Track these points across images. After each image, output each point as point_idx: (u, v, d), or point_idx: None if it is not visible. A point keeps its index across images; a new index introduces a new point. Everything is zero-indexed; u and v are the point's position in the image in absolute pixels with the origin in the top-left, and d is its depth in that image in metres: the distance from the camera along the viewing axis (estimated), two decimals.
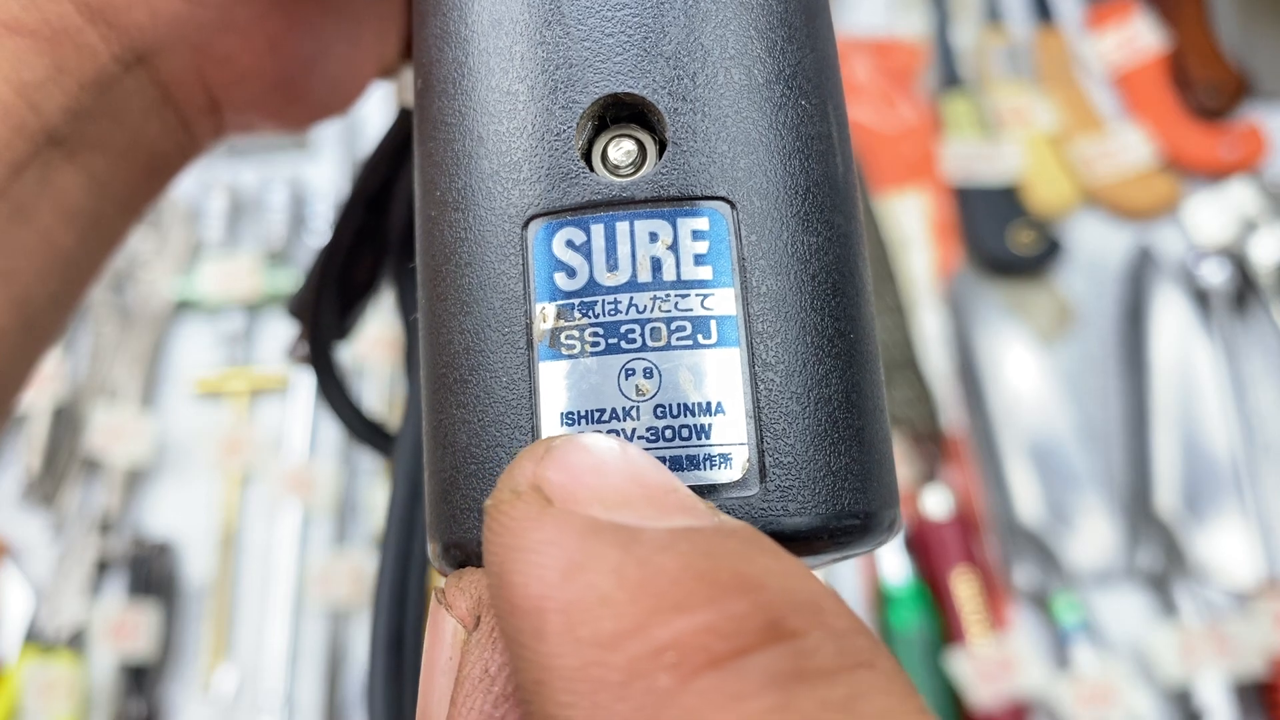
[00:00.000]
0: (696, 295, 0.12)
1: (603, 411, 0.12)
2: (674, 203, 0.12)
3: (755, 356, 0.12)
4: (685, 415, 0.12)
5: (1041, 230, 0.67)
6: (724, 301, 0.12)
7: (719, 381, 0.12)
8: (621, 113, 0.13)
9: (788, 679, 0.09)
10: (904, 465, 0.63)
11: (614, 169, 0.13)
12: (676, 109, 0.12)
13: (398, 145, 0.22)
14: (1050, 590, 0.59)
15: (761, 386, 0.12)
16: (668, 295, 0.12)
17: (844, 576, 0.62)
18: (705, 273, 0.12)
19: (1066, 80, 0.73)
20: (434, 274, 0.13)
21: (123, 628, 0.59)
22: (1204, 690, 0.55)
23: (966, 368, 0.64)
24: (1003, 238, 0.67)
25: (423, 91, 0.14)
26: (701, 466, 0.12)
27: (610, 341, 0.12)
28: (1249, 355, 0.65)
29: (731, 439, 0.12)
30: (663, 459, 0.12)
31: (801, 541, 0.12)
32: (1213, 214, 0.68)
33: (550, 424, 0.12)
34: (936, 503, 0.61)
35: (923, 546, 0.60)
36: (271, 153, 0.77)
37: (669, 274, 0.12)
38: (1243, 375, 0.63)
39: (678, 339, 0.12)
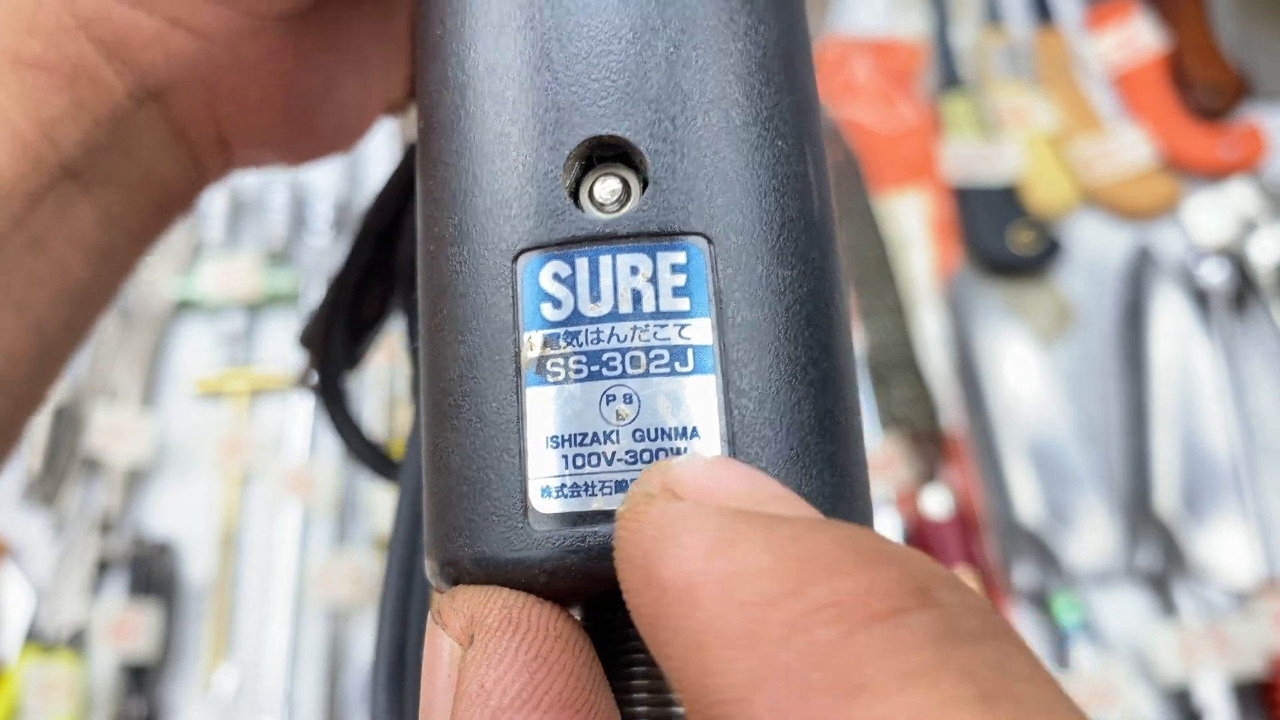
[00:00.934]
0: (674, 325, 0.13)
1: (585, 435, 0.13)
2: (654, 238, 0.13)
3: (730, 384, 0.13)
4: (662, 439, 0.13)
5: (1041, 230, 0.67)
6: (701, 331, 0.13)
7: (695, 407, 0.13)
8: (607, 153, 0.14)
9: (944, 637, 0.09)
10: (903, 465, 0.63)
11: (600, 206, 0.13)
12: (657, 150, 0.13)
13: (405, 182, 0.22)
14: (1050, 590, 0.59)
15: (735, 412, 0.13)
16: (647, 325, 0.13)
17: None
18: (683, 304, 0.13)
19: (1066, 80, 0.73)
20: (432, 305, 0.14)
21: (123, 627, 0.59)
22: (1203, 690, 0.55)
23: (966, 368, 0.64)
24: (1002, 238, 0.67)
25: (424, 132, 0.15)
26: None
27: (593, 369, 0.13)
28: (1248, 355, 0.65)
29: None
30: None
31: None
32: (1212, 214, 0.68)
33: (536, 446, 0.13)
34: (936, 502, 0.61)
35: (922, 546, 0.60)
36: None
37: (648, 305, 0.13)
38: (1242, 375, 0.63)
39: (656, 367, 0.13)
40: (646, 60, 0.13)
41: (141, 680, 0.61)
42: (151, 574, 0.61)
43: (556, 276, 0.13)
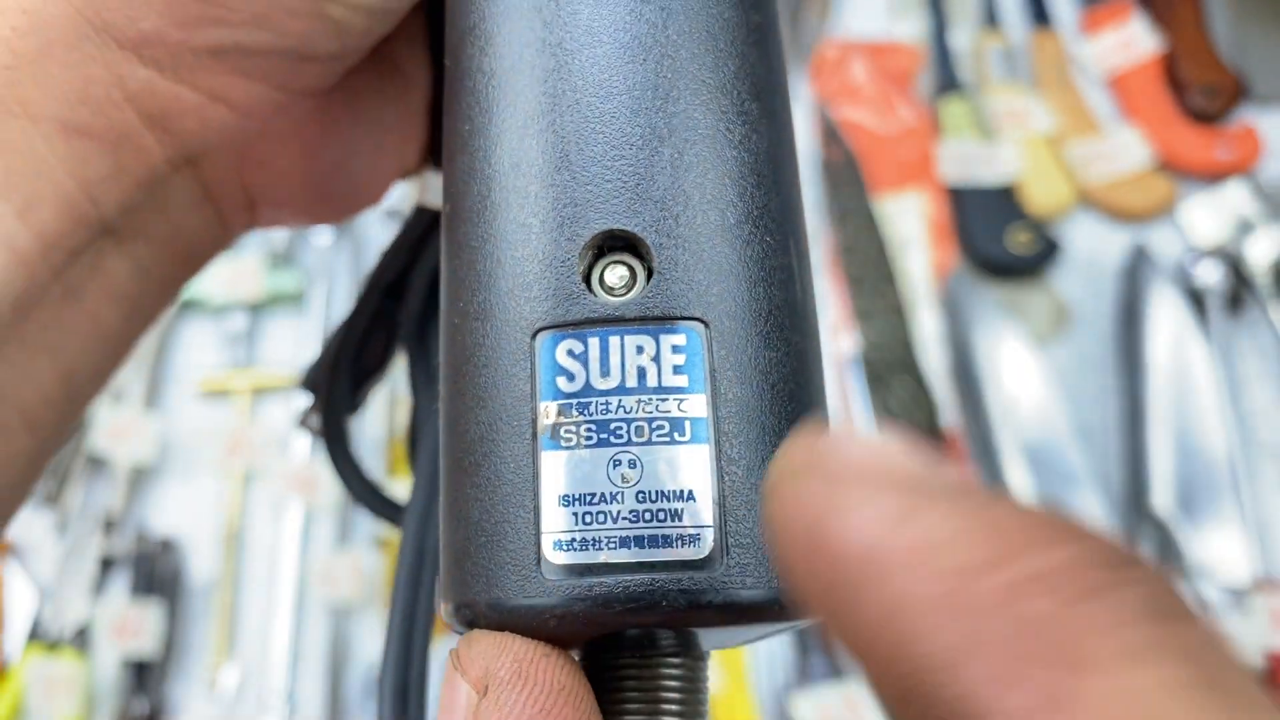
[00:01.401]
0: (674, 399, 0.14)
1: (593, 495, 0.14)
2: (658, 321, 0.15)
3: (721, 452, 0.14)
4: (662, 500, 0.14)
5: (1038, 231, 0.68)
6: (697, 405, 0.14)
7: (691, 473, 0.14)
8: (617, 243, 0.15)
9: (1161, 614, 0.09)
10: None
11: (610, 290, 0.15)
12: (662, 243, 0.15)
13: (415, 239, 0.24)
14: None
15: (726, 478, 0.14)
16: (650, 399, 0.14)
17: None
18: (682, 380, 0.15)
19: (1063, 83, 0.73)
20: (455, 372, 0.16)
21: (126, 626, 0.60)
22: None
23: (964, 368, 0.65)
24: (1000, 239, 0.68)
25: (450, 217, 0.17)
26: (675, 545, 0.14)
27: (601, 436, 0.14)
28: (1244, 355, 0.65)
29: (701, 522, 0.14)
30: (641, 538, 0.14)
31: (755, 611, 0.14)
32: (1208, 215, 0.68)
33: (549, 504, 0.14)
34: None
35: None
36: None
37: (652, 381, 0.15)
38: (1238, 375, 0.63)
39: (657, 436, 0.14)
40: (654, 164, 0.15)
41: (145, 678, 0.61)
42: (155, 572, 0.62)
43: (570, 353, 0.15)
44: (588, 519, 0.14)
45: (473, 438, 0.15)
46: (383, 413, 0.66)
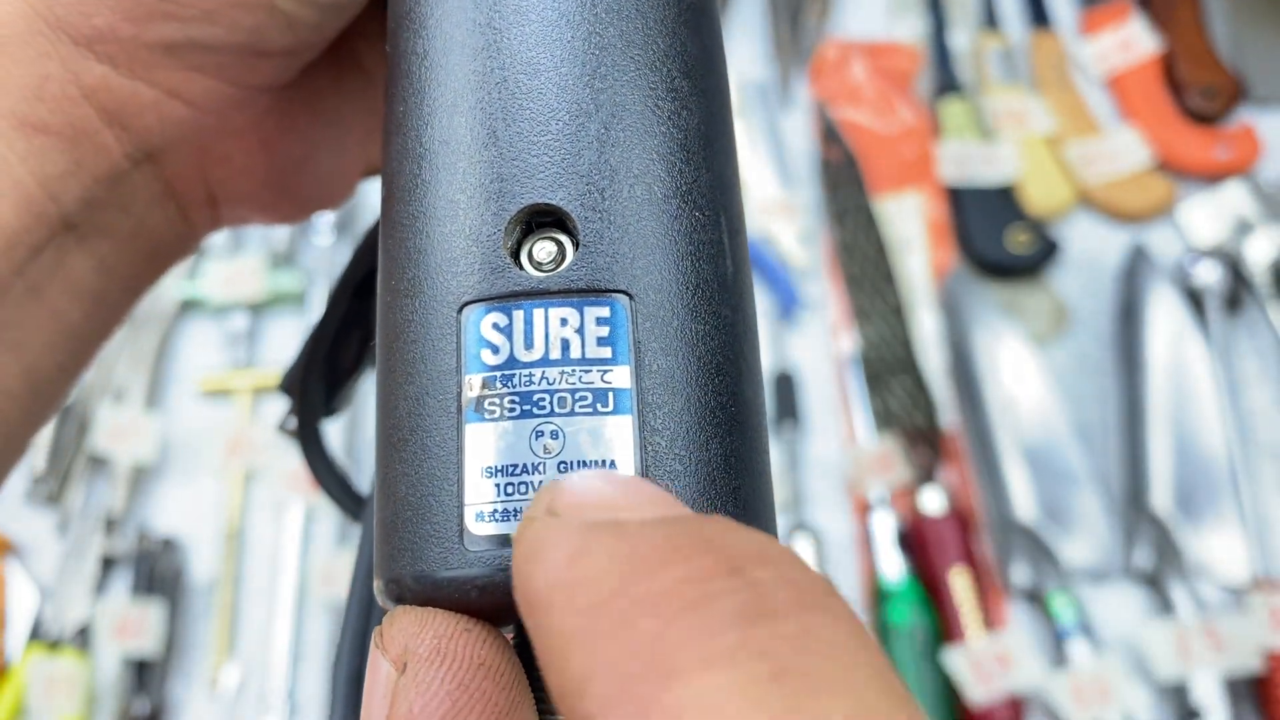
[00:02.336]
0: (597, 371, 0.15)
1: (516, 466, 0.14)
2: (582, 294, 0.15)
3: (645, 423, 0.15)
4: (584, 470, 0.14)
5: (1038, 232, 0.68)
6: (621, 376, 0.15)
7: (613, 443, 0.14)
8: (545, 219, 0.16)
9: (748, 617, 0.10)
10: (901, 464, 0.63)
11: (538, 265, 0.15)
12: (587, 218, 0.15)
13: (368, 246, 0.24)
14: (1046, 588, 0.59)
15: (649, 448, 0.14)
16: (573, 370, 0.15)
17: (841, 574, 0.63)
18: (606, 352, 0.15)
19: (1062, 84, 0.73)
20: (387, 350, 0.16)
21: (128, 625, 0.60)
22: (1199, 686, 0.56)
23: (963, 368, 0.65)
24: (999, 239, 0.68)
25: (385, 199, 0.17)
26: None
27: (524, 408, 0.14)
28: (1243, 355, 0.65)
29: None
30: None
31: None
32: (1207, 216, 0.68)
33: (473, 476, 0.14)
34: (934, 501, 0.61)
35: (920, 545, 0.61)
36: None
37: (575, 353, 0.15)
38: (1237, 375, 0.64)
39: (580, 407, 0.14)
40: (580, 139, 0.16)
41: (146, 677, 0.61)
42: (156, 572, 0.62)
43: (496, 326, 0.15)
44: (509, 490, 0.14)
45: (401, 413, 0.15)
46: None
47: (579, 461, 0.14)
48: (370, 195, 0.72)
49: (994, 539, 0.61)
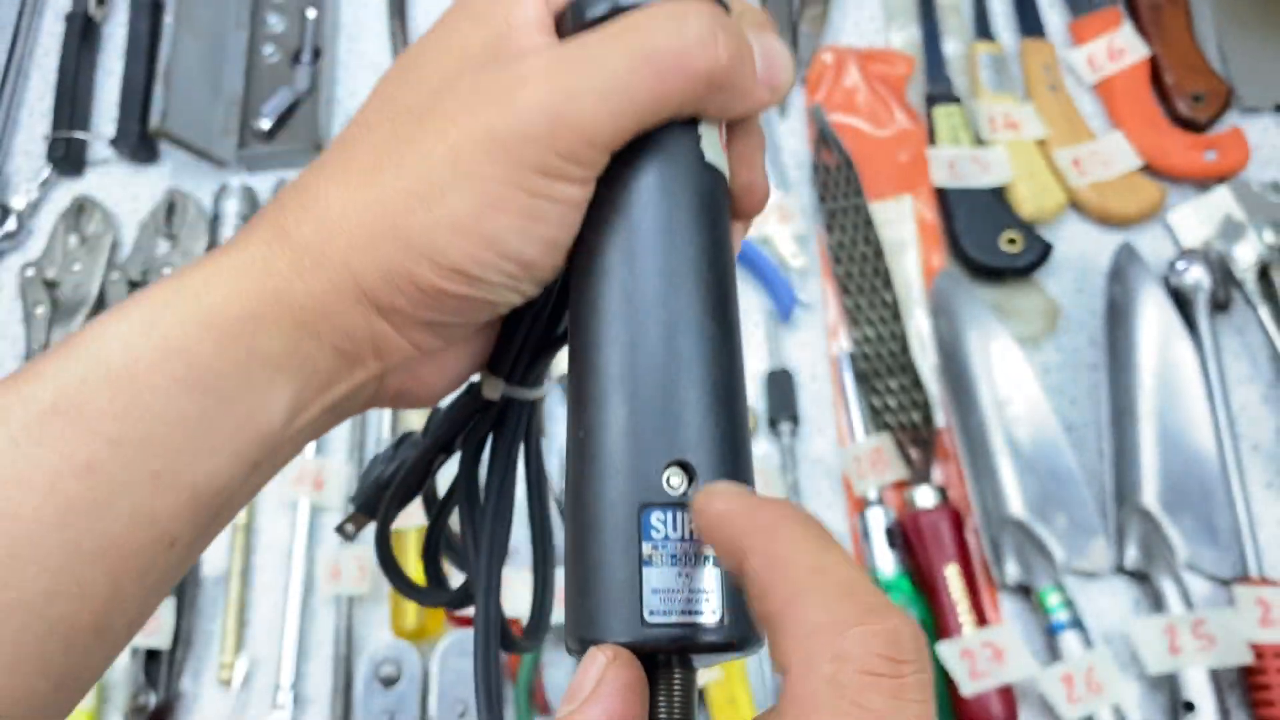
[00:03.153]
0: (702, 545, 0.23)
1: (669, 589, 0.23)
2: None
3: (724, 574, 0.23)
4: (697, 593, 0.23)
5: (1029, 235, 0.69)
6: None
7: (711, 583, 0.23)
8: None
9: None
10: (895, 462, 0.64)
11: (674, 487, 0.23)
12: (701, 467, 0.23)
13: (466, 414, 0.31)
14: (1038, 583, 0.60)
15: (727, 582, 0.23)
16: (692, 539, 0.23)
17: None
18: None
19: (1053, 90, 0.75)
20: (587, 520, 0.23)
21: None
22: (1189, 679, 0.57)
23: (957, 367, 0.66)
24: (991, 242, 0.69)
25: (575, 410, 0.25)
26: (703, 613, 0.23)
27: (672, 558, 0.23)
28: (1232, 356, 0.67)
29: (717, 603, 0.23)
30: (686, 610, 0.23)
31: (737, 647, 0.23)
32: (1196, 219, 0.69)
33: (647, 593, 0.23)
34: (927, 498, 0.62)
35: (914, 540, 0.62)
36: (285, 164, 0.79)
37: (687, 534, 0.23)
38: (1225, 375, 0.65)
39: (698, 560, 0.23)
40: (701, 410, 0.24)
41: (156, 670, 0.62)
42: None
43: (659, 519, 0.23)
44: (664, 599, 0.22)
45: (597, 550, 0.24)
46: None
47: (697, 590, 0.23)
48: None
49: (986, 535, 0.62)
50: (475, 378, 0.31)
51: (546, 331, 0.29)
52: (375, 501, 0.35)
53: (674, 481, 0.23)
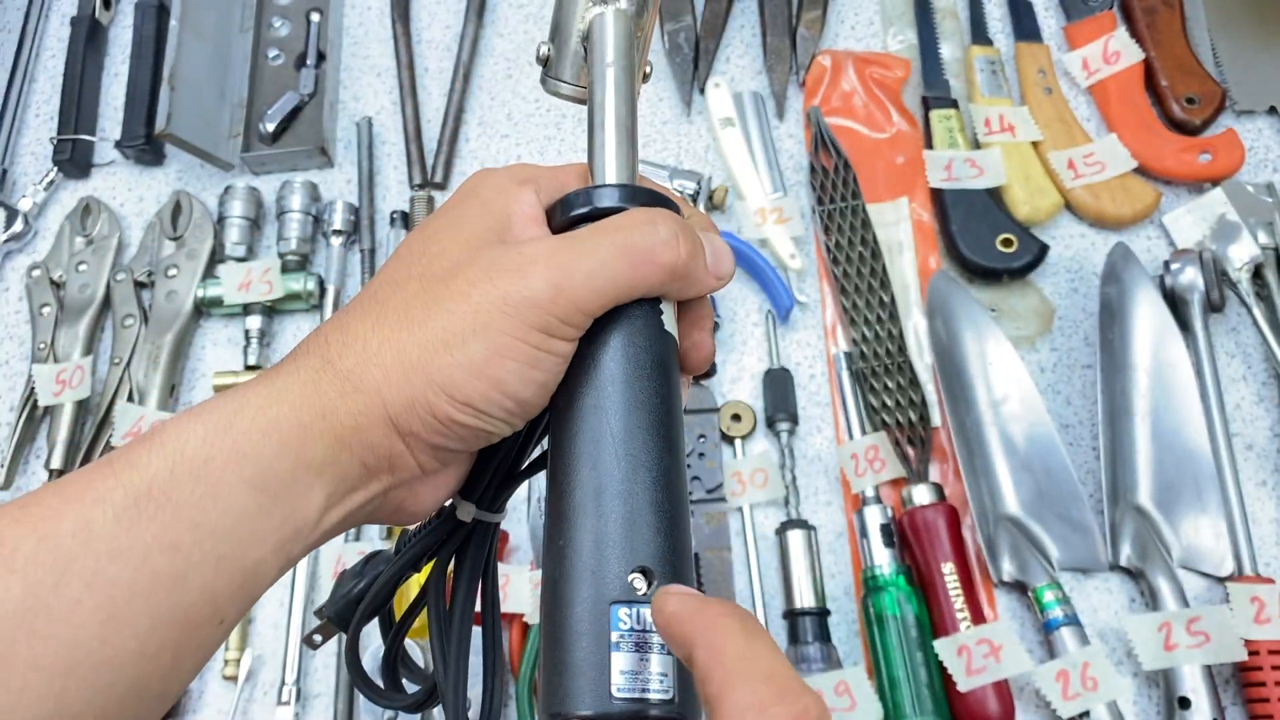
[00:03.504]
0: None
1: (635, 671, 0.27)
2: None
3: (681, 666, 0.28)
4: (656, 675, 0.27)
5: (1025, 237, 0.70)
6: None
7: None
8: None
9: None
10: (893, 461, 0.65)
11: (636, 590, 0.27)
12: (662, 571, 0.28)
13: (440, 537, 0.36)
14: (1034, 581, 0.61)
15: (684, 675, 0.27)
16: (650, 630, 0.28)
17: (834, 566, 0.65)
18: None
19: (1049, 93, 0.76)
20: (561, 611, 0.28)
21: None
22: (1184, 676, 0.57)
23: (954, 367, 0.67)
24: (987, 244, 0.70)
25: (553, 507, 0.30)
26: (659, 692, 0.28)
27: (638, 646, 0.27)
28: (1225, 356, 0.67)
29: (671, 685, 0.27)
30: (644, 689, 0.27)
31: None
32: (1190, 220, 0.70)
33: (615, 673, 0.27)
34: (924, 496, 0.63)
35: (910, 538, 0.62)
36: (289, 167, 0.80)
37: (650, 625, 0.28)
38: (1220, 374, 0.65)
39: (657, 650, 0.28)
40: (658, 526, 0.29)
41: None
42: None
43: (625, 613, 0.27)
44: (631, 679, 0.27)
45: (570, 633, 0.28)
46: None
47: (660, 673, 0.27)
48: (380, 190, 0.74)
49: (983, 532, 0.63)
50: (447, 504, 0.35)
51: (513, 465, 0.34)
52: (348, 614, 0.40)
53: (638, 584, 0.28)
